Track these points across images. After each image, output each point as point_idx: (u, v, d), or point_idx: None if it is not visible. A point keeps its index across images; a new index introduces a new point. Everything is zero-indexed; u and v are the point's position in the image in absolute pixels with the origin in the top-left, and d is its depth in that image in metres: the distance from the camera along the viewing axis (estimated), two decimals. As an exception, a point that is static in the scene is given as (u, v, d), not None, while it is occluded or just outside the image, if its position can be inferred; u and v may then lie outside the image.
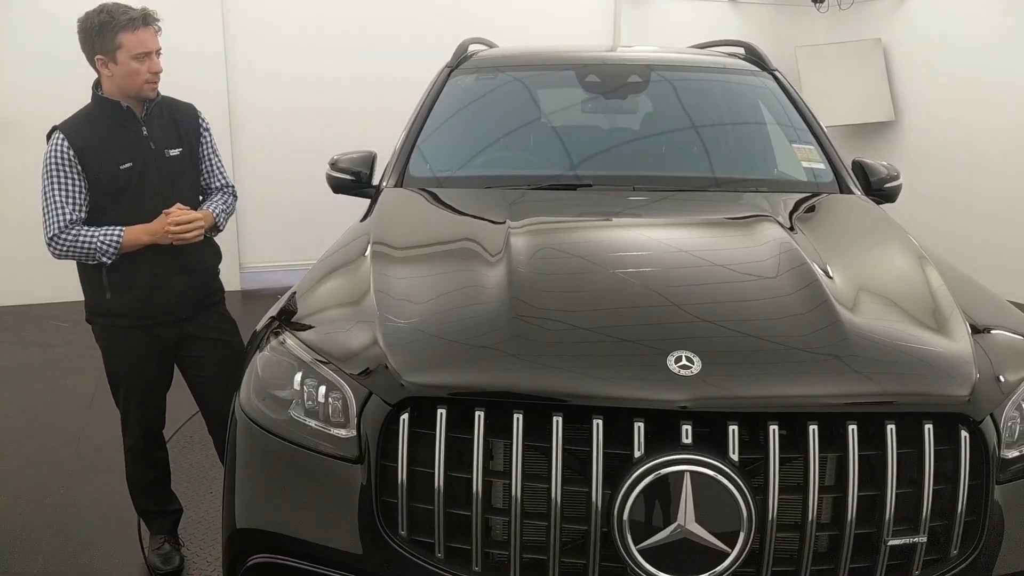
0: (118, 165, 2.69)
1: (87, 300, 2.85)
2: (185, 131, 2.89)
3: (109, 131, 2.70)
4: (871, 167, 3.19)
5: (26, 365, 5.22)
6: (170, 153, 2.82)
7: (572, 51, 3.83)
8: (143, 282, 2.76)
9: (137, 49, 2.62)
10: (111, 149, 2.69)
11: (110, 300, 2.76)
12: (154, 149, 2.78)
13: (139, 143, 2.74)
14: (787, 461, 1.65)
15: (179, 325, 2.88)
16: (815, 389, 1.71)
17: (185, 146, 2.87)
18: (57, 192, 2.62)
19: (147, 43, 2.65)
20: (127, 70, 2.64)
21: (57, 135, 2.66)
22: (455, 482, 1.70)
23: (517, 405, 1.67)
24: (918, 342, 1.87)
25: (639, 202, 2.78)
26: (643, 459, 1.60)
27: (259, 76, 7.02)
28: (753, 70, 3.55)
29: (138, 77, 2.65)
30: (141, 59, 2.64)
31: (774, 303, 1.96)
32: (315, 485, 1.84)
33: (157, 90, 2.75)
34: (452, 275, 2.12)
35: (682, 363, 1.69)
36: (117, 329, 2.81)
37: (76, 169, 2.64)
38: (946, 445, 1.70)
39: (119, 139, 2.71)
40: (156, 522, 3.09)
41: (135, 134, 2.74)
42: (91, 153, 2.65)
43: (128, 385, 2.88)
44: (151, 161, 2.76)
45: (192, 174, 2.93)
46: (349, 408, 1.81)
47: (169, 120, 2.85)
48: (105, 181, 2.68)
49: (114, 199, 2.71)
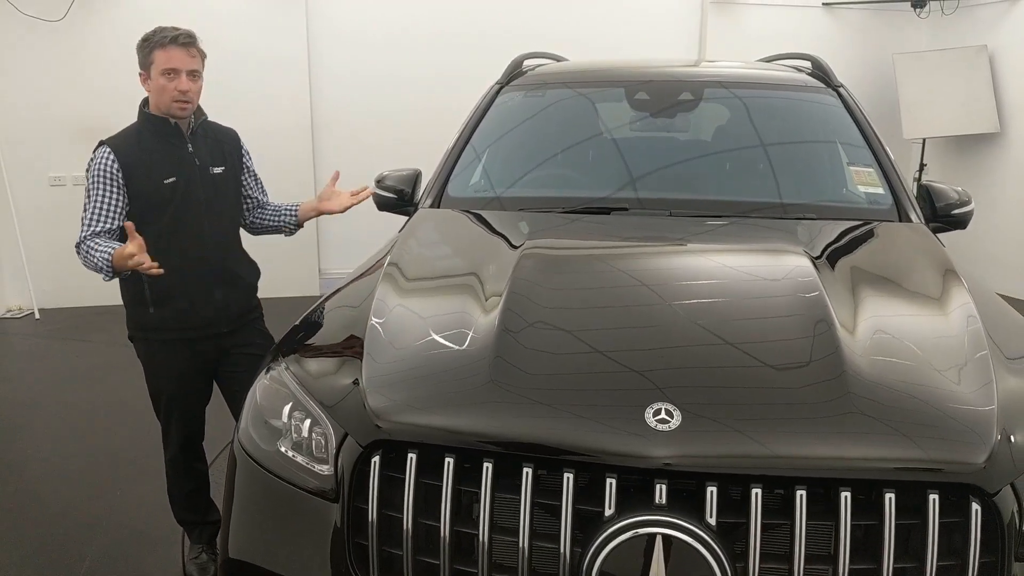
0: (163, 179, 2.77)
1: (130, 316, 2.92)
2: (228, 152, 2.97)
3: (156, 146, 2.78)
4: (939, 191, 2.96)
5: (106, 364, 5.45)
6: (214, 170, 2.90)
7: (626, 67, 3.72)
8: (185, 295, 2.83)
9: (165, 65, 2.69)
10: (157, 164, 2.77)
11: (152, 314, 2.83)
12: (199, 165, 2.85)
13: (184, 159, 2.82)
14: (772, 527, 1.53)
15: (219, 339, 2.94)
16: (805, 450, 1.56)
17: (228, 165, 2.95)
18: (95, 202, 2.71)
19: (175, 61, 2.70)
20: (157, 86, 2.72)
21: (103, 149, 2.74)
22: (427, 530, 1.65)
23: (487, 453, 1.60)
24: (932, 398, 1.68)
25: (668, 229, 2.64)
26: (614, 518, 1.51)
27: (341, 78, 7.15)
28: (815, 86, 3.36)
29: (165, 94, 2.72)
30: (169, 76, 2.70)
31: (776, 350, 1.81)
32: (297, 521, 1.82)
33: (190, 110, 2.80)
34: (446, 317, 2.05)
35: (660, 416, 1.58)
36: (159, 343, 2.88)
37: (118, 183, 2.72)
38: (957, 517, 1.53)
39: (165, 154, 2.79)
40: (195, 531, 3.17)
41: (181, 150, 2.82)
42: (137, 168, 2.74)
43: (169, 399, 2.96)
44: (195, 176, 2.84)
45: (234, 191, 3.02)
46: (329, 445, 1.79)
47: (214, 140, 2.94)
48: (150, 195, 2.76)
49: (158, 212, 2.77)
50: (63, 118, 6.49)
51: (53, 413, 4.72)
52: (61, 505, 3.62)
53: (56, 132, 6.53)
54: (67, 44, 6.47)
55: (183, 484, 3.11)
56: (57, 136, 6.54)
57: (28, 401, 4.91)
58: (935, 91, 7.43)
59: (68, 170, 6.56)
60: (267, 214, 3.19)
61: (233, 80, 6.60)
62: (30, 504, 3.64)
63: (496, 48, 6.83)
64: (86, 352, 5.76)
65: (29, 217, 6.61)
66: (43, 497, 3.69)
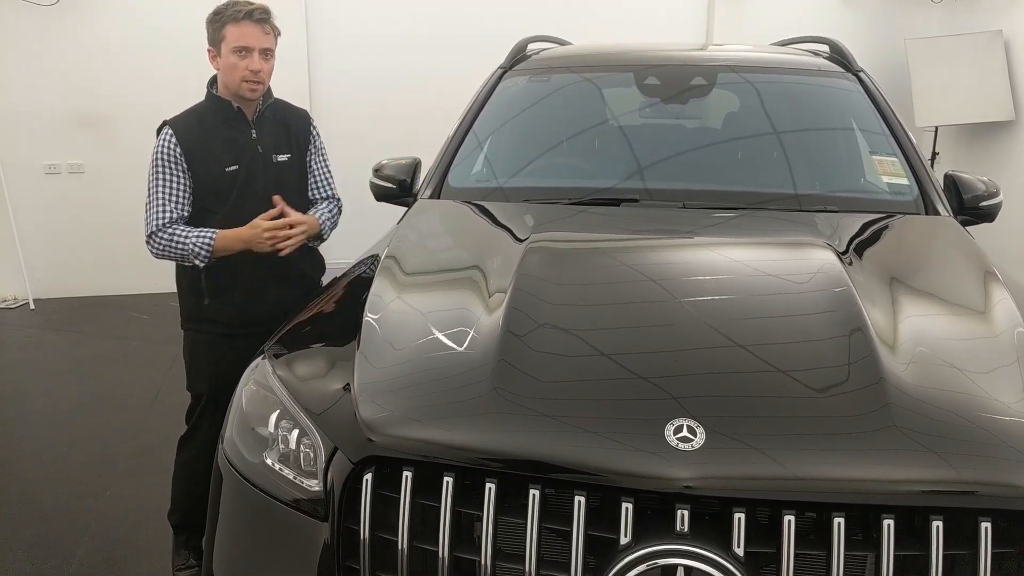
0: (223, 167, 2.63)
1: (183, 305, 2.80)
2: (295, 137, 2.82)
3: (218, 131, 2.65)
4: (965, 183, 2.79)
5: (101, 356, 5.34)
6: (278, 158, 2.75)
7: (634, 51, 3.54)
8: (240, 289, 2.71)
9: (237, 42, 2.55)
10: (218, 150, 2.63)
11: (207, 306, 2.71)
12: (262, 153, 2.71)
13: (247, 146, 2.68)
14: (804, 556, 1.39)
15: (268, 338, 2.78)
16: (843, 472, 1.41)
17: (294, 152, 2.80)
18: (161, 189, 2.58)
19: (249, 38, 2.55)
20: (227, 64, 2.58)
21: (167, 131, 2.60)
22: (423, 554, 1.51)
23: (490, 472, 1.46)
24: (979, 410, 1.52)
25: (682, 221, 2.48)
26: (631, 546, 1.37)
27: (340, 76, 7.05)
28: (833, 70, 3.19)
29: (235, 72, 2.57)
30: (241, 54, 2.55)
31: (806, 356, 1.65)
32: (283, 539, 1.68)
33: (260, 92, 2.66)
34: (446, 314, 1.90)
35: (682, 434, 1.43)
36: (209, 336, 2.76)
37: (182, 167, 2.59)
38: (1012, 547, 1.39)
39: (227, 140, 2.65)
40: (183, 536, 3.02)
41: (245, 136, 2.68)
42: (197, 153, 2.60)
43: (209, 396, 2.82)
44: (257, 164, 2.70)
45: (299, 181, 2.85)
46: (319, 458, 1.64)
47: (282, 124, 2.79)
48: (209, 182, 2.63)
49: (218, 201, 2.65)
50: (57, 105, 6.34)
51: (46, 406, 4.60)
52: (51, 502, 3.51)
53: (50, 119, 6.38)
54: (60, 29, 6.32)
55: (195, 488, 2.91)
56: (51, 123, 6.40)
57: (21, 393, 4.80)
58: (948, 78, 7.24)
59: (63, 158, 6.42)
60: None
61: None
62: (20, 501, 3.52)
63: (497, 44, 6.67)
64: (81, 343, 5.66)
65: (24, 206, 6.47)
66: (34, 494, 3.58)
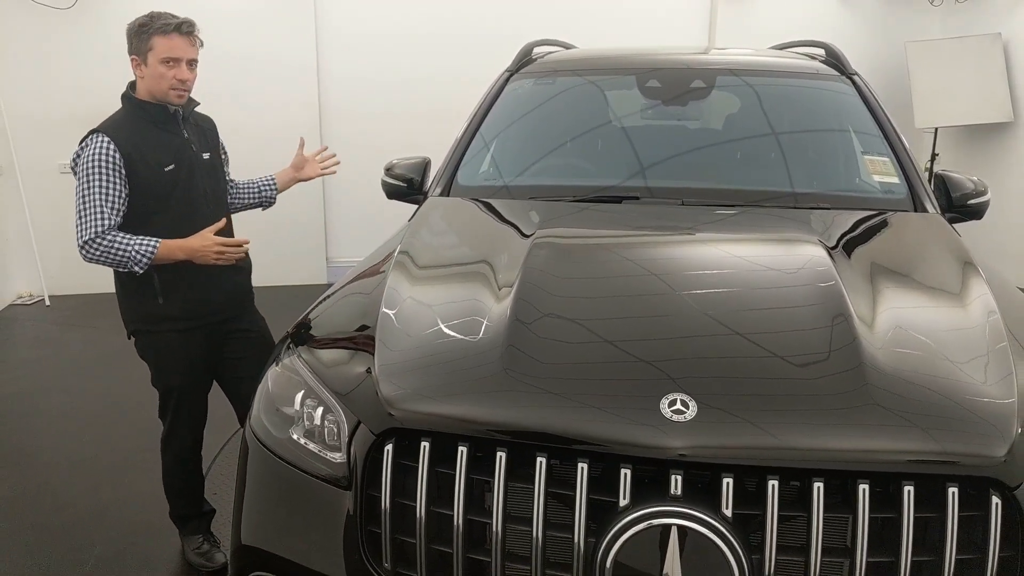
0: (162, 167, 2.71)
1: (133, 311, 2.84)
2: (210, 138, 2.96)
3: (151, 134, 2.72)
4: (955, 181, 2.92)
5: (117, 352, 5.40)
6: (204, 156, 2.88)
7: (636, 54, 3.68)
8: (195, 283, 2.80)
9: (166, 54, 2.66)
10: (155, 152, 2.71)
11: (163, 304, 2.77)
12: (195, 152, 2.83)
13: (182, 146, 2.79)
14: (788, 519, 1.52)
15: (225, 324, 2.93)
16: (822, 442, 1.54)
17: (212, 152, 2.94)
18: (98, 195, 2.60)
19: (177, 50, 2.67)
20: (155, 73, 2.67)
21: (100, 138, 2.63)
22: (439, 518, 1.64)
23: (500, 443, 1.60)
24: (951, 390, 1.65)
25: (681, 218, 2.61)
26: (628, 508, 1.50)
27: (349, 79, 7.20)
28: (828, 73, 3.32)
29: (163, 82, 2.68)
30: (169, 64, 2.67)
31: (792, 341, 1.79)
32: (309, 508, 1.82)
33: (185, 98, 2.77)
34: (458, 304, 2.04)
35: (676, 407, 1.57)
36: (171, 334, 2.82)
37: (119, 173, 2.63)
38: (977, 511, 1.52)
39: (161, 142, 2.73)
40: (191, 524, 3.13)
41: (178, 137, 2.78)
42: (137, 156, 2.66)
43: (181, 391, 2.91)
44: (195, 162, 2.81)
45: (222, 175, 3.01)
46: (342, 432, 1.78)
47: (198, 128, 2.91)
48: (150, 183, 2.69)
49: (162, 202, 2.72)
50: (73, 106, 6.48)
51: (63, 400, 4.73)
52: (71, 493, 3.64)
53: (66, 120, 6.50)
54: (75, 32, 6.47)
55: (189, 478, 3.08)
56: (67, 124, 6.49)
57: (38, 388, 4.93)
58: (948, 80, 7.36)
59: (77, 158, 6.56)
60: (243, 191, 3.17)
61: (243, 83, 6.67)
62: (41, 492, 3.65)
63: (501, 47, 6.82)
64: (96, 339, 5.79)
65: (39, 205, 6.63)
66: (53, 485, 3.71)
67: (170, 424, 2.98)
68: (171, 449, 3.01)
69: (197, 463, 3.09)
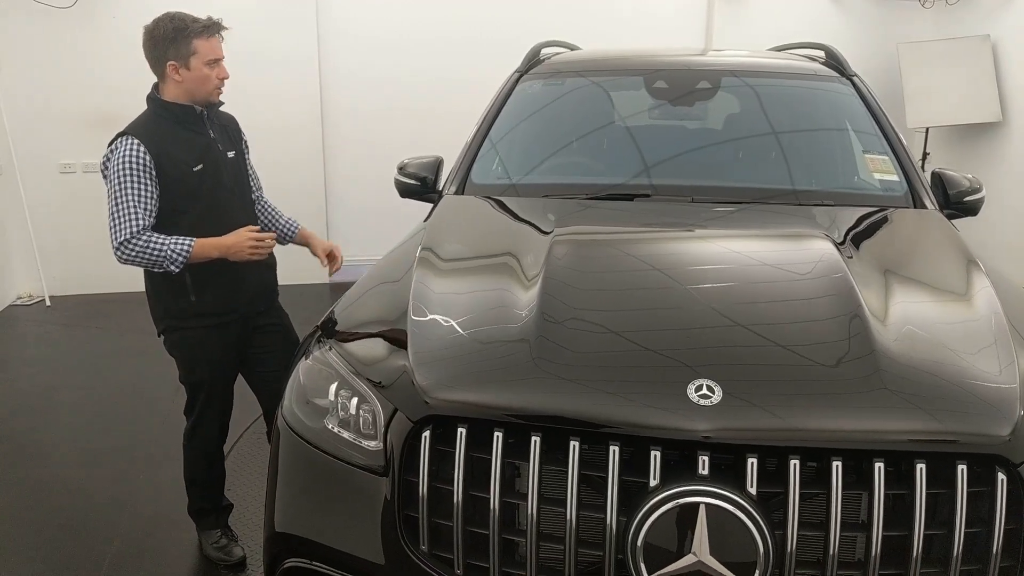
0: (191, 167, 2.77)
1: (166, 307, 2.88)
2: (232, 137, 3.00)
3: (179, 135, 2.78)
4: (951, 179, 3.04)
5: (120, 351, 5.51)
6: (229, 155, 2.93)
7: (643, 55, 3.78)
8: (227, 278, 2.85)
9: (210, 55, 2.74)
10: (182, 152, 2.76)
11: (195, 302, 2.83)
12: (221, 151, 2.89)
13: (209, 146, 2.84)
14: (810, 496, 1.61)
15: (254, 319, 2.99)
16: (838, 424, 1.64)
17: (236, 150, 2.99)
18: (130, 197, 2.65)
19: (218, 50, 2.77)
20: (199, 75, 2.74)
21: (130, 140, 2.67)
22: (475, 501, 1.72)
23: (535, 427, 1.67)
24: (959, 376, 1.76)
25: (692, 215, 2.72)
26: (658, 488, 1.59)
27: (350, 76, 7.22)
28: (829, 75, 3.43)
29: (208, 83, 2.76)
30: (212, 65, 2.75)
31: (809, 331, 1.89)
32: (345, 495, 1.89)
33: None
34: (487, 294, 2.13)
35: (702, 392, 1.66)
36: (201, 330, 2.88)
37: (150, 174, 2.68)
38: (984, 487, 1.61)
39: (189, 142, 2.79)
40: (210, 518, 3.18)
41: (205, 137, 2.84)
42: (166, 157, 2.71)
43: (212, 385, 2.98)
44: (221, 161, 2.87)
45: (247, 173, 3.06)
46: (378, 421, 1.85)
47: (221, 125, 2.96)
48: (180, 183, 2.74)
49: (190, 201, 2.77)
50: (73, 105, 6.51)
51: (70, 399, 4.77)
52: (86, 489, 3.68)
53: (66, 119, 6.55)
54: (76, 32, 6.48)
55: (213, 471, 3.14)
56: (67, 124, 6.56)
57: (47, 385, 4.96)
58: (938, 80, 7.49)
59: (78, 157, 6.59)
60: (267, 215, 3.17)
61: (245, 78, 6.62)
62: (55, 488, 3.70)
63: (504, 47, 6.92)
64: (97, 339, 5.81)
65: (39, 205, 6.63)
66: (67, 481, 3.75)
67: (197, 418, 3.03)
68: (196, 442, 3.07)
69: (220, 456, 3.15)
